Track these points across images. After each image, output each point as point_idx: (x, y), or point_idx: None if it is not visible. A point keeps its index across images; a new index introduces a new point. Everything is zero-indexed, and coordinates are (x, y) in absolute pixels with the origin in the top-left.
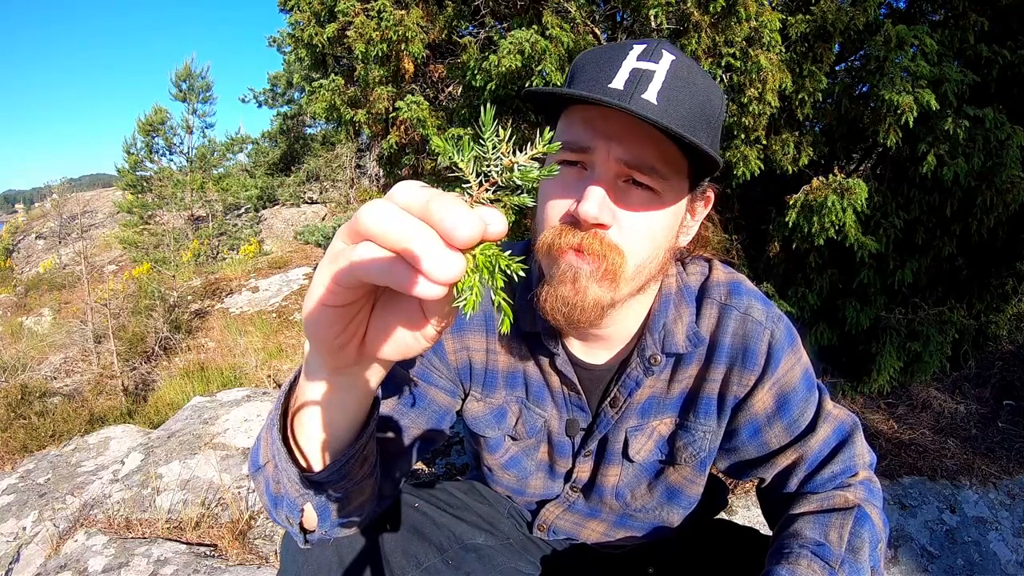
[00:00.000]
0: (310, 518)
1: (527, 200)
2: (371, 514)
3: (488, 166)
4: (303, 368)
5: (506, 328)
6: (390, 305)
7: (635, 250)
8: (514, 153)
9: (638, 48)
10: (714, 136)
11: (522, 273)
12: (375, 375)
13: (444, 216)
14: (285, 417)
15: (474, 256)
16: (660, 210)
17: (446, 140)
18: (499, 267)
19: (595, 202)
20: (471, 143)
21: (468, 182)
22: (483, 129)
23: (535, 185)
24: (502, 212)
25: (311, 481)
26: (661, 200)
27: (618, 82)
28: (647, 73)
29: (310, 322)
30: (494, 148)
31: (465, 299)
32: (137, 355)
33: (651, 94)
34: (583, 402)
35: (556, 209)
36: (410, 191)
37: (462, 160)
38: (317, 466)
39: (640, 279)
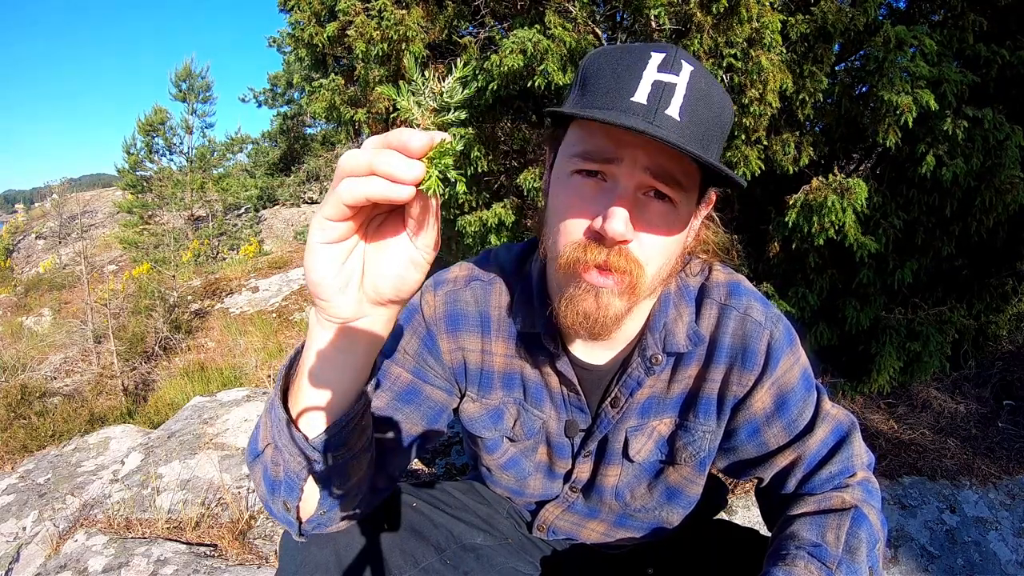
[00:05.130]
0: (308, 503)
1: (462, 115)
2: (366, 507)
3: (423, 98)
4: (305, 341)
5: (462, 188)
6: (380, 244)
7: (653, 261)
8: (439, 82)
9: (657, 57)
10: (722, 146)
11: (459, 148)
12: (373, 334)
13: (399, 138)
14: (287, 392)
15: (430, 160)
16: (676, 220)
17: (388, 88)
18: (447, 151)
19: (622, 221)
20: (406, 85)
21: (414, 117)
22: (408, 73)
23: (463, 103)
24: (446, 132)
25: (313, 447)
26: (677, 212)
27: (640, 95)
28: (669, 86)
29: (310, 266)
30: (424, 84)
31: (427, 185)
32: (137, 355)
33: (674, 109)
34: (583, 403)
35: (576, 224)
36: (372, 138)
37: (403, 99)
38: (315, 434)
39: (655, 287)
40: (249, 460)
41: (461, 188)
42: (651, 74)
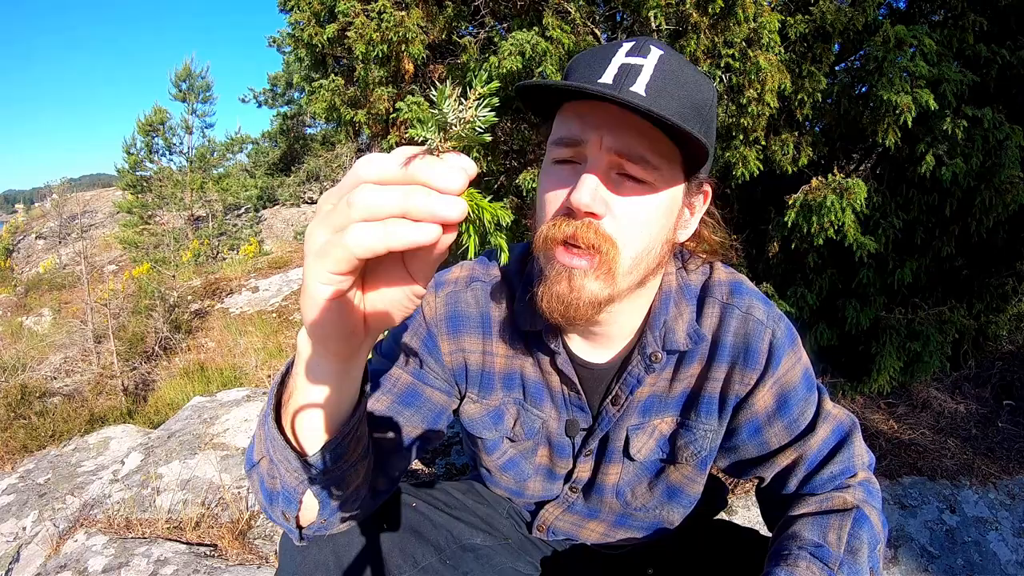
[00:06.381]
0: (307, 511)
1: (486, 138)
2: (367, 508)
3: (449, 125)
4: (297, 363)
5: (504, 260)
6: (379, 280)
7: (629, 241)
8: (464, 100)
9: (627, 45)
10: (707, 127)
11: (509, 217)
12: (367, 352)
13: (431, 176)
14: (279, 408)
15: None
16: (654, 200)
17: (417, 119)
18: (488, 212)
19: (588, 190)
20: (431, 114)
21: (432, 141)
22: (438, 101)
23: (488, 125)
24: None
25: (310, 465)
26: (654, 190)
27: (607, 77)
28: (635, 67)
29: (320, 323)
30: (449, 108)
31: (466, 245)
32: (137, 355)
33: (639, 86)
34: (583, 402)
35: (552, 204)
36: (379, 166)
37: (426, 128)
38: (313, 450)
39: (638, 273)
40: (246, 469)
41: (504, 259)
42: (619, 59)
